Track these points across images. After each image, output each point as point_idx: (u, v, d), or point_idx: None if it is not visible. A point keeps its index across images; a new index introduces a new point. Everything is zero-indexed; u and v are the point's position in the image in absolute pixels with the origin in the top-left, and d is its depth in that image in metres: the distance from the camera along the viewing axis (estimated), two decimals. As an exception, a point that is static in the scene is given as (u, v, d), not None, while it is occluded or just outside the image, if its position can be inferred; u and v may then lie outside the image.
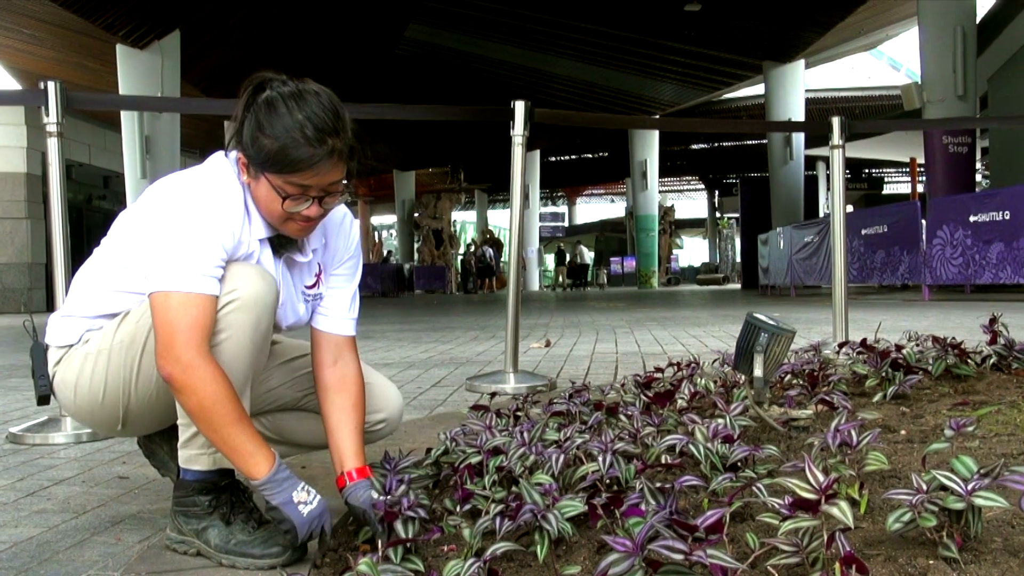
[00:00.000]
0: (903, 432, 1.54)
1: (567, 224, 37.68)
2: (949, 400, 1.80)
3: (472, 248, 24.67)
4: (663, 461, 1.31)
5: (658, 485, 1.09)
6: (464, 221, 34.18)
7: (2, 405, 2.79)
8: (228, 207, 1.13)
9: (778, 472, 1.20)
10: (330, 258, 1.29)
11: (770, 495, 1.00)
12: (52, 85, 2.28)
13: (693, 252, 38.36)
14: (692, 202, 37.31)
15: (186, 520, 1.17)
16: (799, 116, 14.44)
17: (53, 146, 2.29)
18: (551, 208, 37.70)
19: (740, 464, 1.26)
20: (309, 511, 1.08)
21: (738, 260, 20.87)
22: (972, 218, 7.55)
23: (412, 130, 19.11)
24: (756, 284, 14.18)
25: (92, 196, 13.58)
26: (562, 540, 1.02)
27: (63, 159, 2.31)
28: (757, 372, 1.62)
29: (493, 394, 2.18)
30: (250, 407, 1.17)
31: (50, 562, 1.19)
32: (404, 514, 1.08)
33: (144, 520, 1.39)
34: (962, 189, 9.17)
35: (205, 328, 1.08)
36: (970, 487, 0.87)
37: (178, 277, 1.07)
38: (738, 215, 19.42)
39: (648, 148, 20.72)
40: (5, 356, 4.68)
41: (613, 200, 37.86)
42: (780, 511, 0.91)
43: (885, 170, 26.27)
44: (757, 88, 17.28)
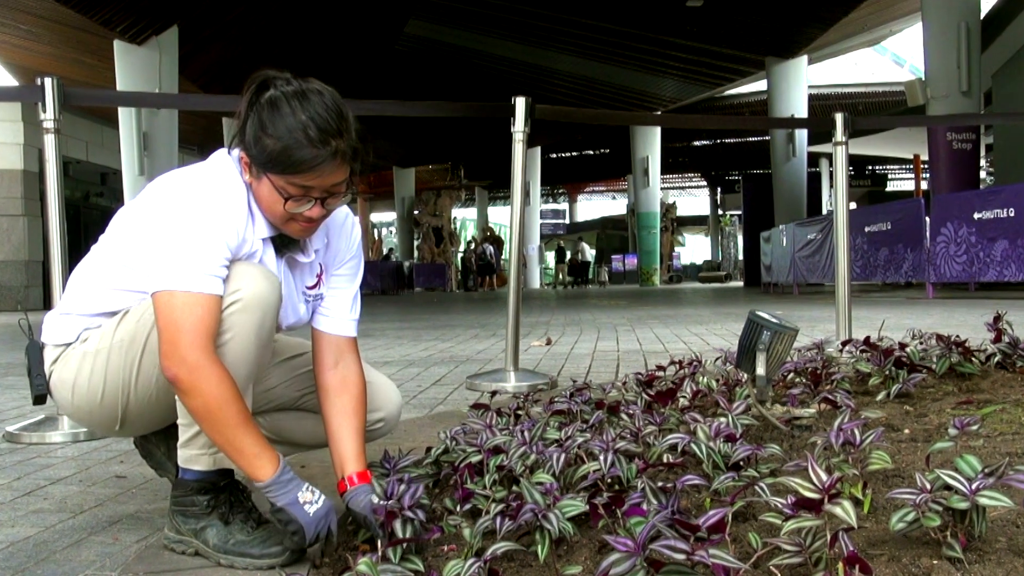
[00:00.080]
0: (907, 431, 1.54)
1: (568, 221, 37.68)
2: (953, 399, 1.80)
3: (472, 245, 24.65)
4: (665, 460, 1.31)
5: (660, 484, 1.08)
6: (464, 218, 34.18)
7: None
8: (233, 206, 1.12)
9: (781, 471, 1.19)
10: (332, 258, 1.29)
11: (773, 494, 0.99)
12: (49, 81, 2.28)
13: (695, 249, 38.33)
14: (694, 199, 37.29)
15: (184, 520, 1.17)
16: (802, 112, 14.41)
17: (50, 143, 2.29)
18: (552, 205, 37.70)
19: (742, 463, 1.26)
20: (315, 511, 1.08)
21: (740, 258, 20.86)
22: (976, 215, 7.53)
23: (412, 126, 19.07)
24: (758, 282, 14.15)
25: (90, 193, 13.55)
26: (563, 540, 1.01)
27: (60, 156, 2.30)
28: (760, 370, 1.61)
29: (493, 393, 2.17)
30: (251, 407, 1.16)
31: (47, 562, 1.18)
32: (403, 514, 1.07)
33: (142, 520, 1.38)
34: (966, 186, 9.14)
35: (210, 329, 1.07)
36: (974, 486, 0.87)
37: (183, 276, 1.06)
38: (740, 212, 19.40)
39: (650, 145, 20.69)
40: (2, 354, 4.66)
41: (615, 197, 37.84)
42: (783, 511, 0.91)
43: (889, 167, 26.23)
44: (760, 84, 17.23)
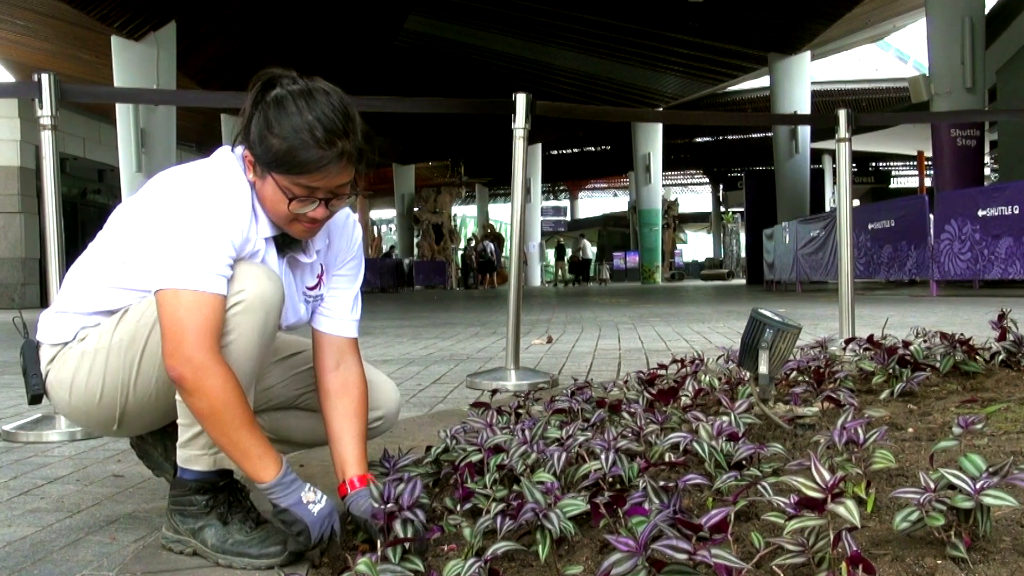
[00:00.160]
0: (910, 430, 1.53)
1: (569, 218, 37.67)
2: (957, 397, 1.79)
3: (473, 243, 24.63)
4: (667, 459, 1.30)
5: (662, 484, 1.08)
6: (464, 215, 34.14)
7: (-3, 402, 2.77)
8: (238, 204, 1.11)
9: (783, 470, 1.19)
10: (333, 259, 1.28)
11: (775, 494, 0.99)
12: (46, 77, 2.27)
13: (697, 247, 38.31)
14: (696, 196, 37.25)
15: (182, 519, 1.16)
16: (805, 109, 14.38)
17: (47, 139, 2.28)
18: (553, 202, 37.69)
19: (745, 462, 1.25)
20: (319, 510, 1.08)
21: (743, 255, 20.81)
22: (981, 212, 7.50)
23: (412, 123, 19.06)
24: (761, 279, 14.12)
25: (87, 190, 13.53)
26: (564, 540, 1.01)
27: (57, 152, 2.29)
28: (762, 369, 1.60)
29: (494, 391, 2.17)
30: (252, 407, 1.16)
31: (44, 562, 1.18)
32: (403, 514, 1.06)
33: (139, 519, 1.38)
34: (970, 183, 9.11)
35: (216, 329, 1.06)
36: (979, 486, 0.87)
37: (189, 275, 1.05)
38: (743, 209, 19.37)
39: (651, 141, 20.65)
40: None
41: (616, 194, 37.82)
42: (785, 510, 0.91)
43: (892, 164, 26.20)
44: (762, 80, 17.21)
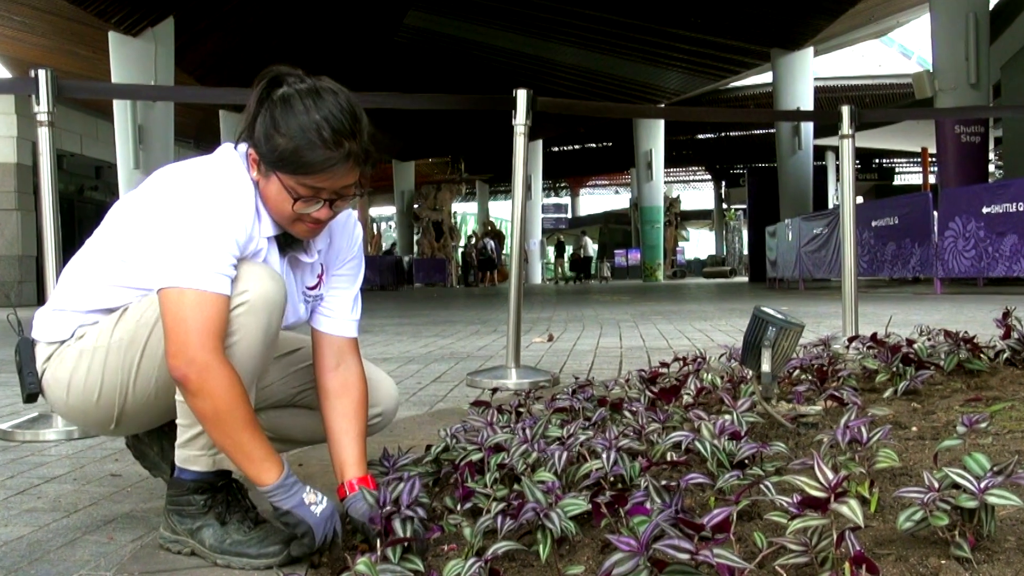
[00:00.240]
0: (914, 429, 1.52)
1: (570, 216, 37.64)
2: (961, 396, 1.78)
3: (473, 240, 24.63)
4: (668, 458, 1.30)
5: (663, 483, 1.07)
6: (465, 213, 34.11)
7: (-6, 401, 2.76)
8: (242, 202, 1.10)
9: (786, 470, 1.19)
10: (333, 258, 1.28)
11: (778, 493, 0.99)
12: (43, 73, 2.26)
13: (699, 244, 38.23)
14: (698, 193, 37.18)
15: (180, 519, 1.15)
16: (808, 105, 14.34)
17: (44, 136, 2.27)
18: (554, 199, 37.67)
19: (747, 461, 1.25)
20: (321, 511, 1.08)
21: (745, 252, 20.79)
22: (985, 209, 7.47)
23: (411, 119, 19.03)
24: (764, 277, 14.10)
25: (84, 187, 13.55)
26: (565, 539, 1.00)
27: (54, 149, 2.29)
28: (765, 367, 1.59)
29: (494, 390, 2.16)
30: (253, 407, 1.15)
31: (41, 561, 1.17)
32: (402, 513, 1.06)
33: (137, 519, 1.37)
34: (975, 180, 9.08)
35: (220, 329, 1.05)
36: (983, 485, 0.87)
37: (193, 274, 1.04)
38: (745, 206, 19.34)
39: (653, 138, 20.62)
40: (-3, 350, 4.66)
41: (618, 191, 37.79)
42: (788, 509, 0.90)
43: (896, 160, 26.16)
44: (765, 76, 17.15)
